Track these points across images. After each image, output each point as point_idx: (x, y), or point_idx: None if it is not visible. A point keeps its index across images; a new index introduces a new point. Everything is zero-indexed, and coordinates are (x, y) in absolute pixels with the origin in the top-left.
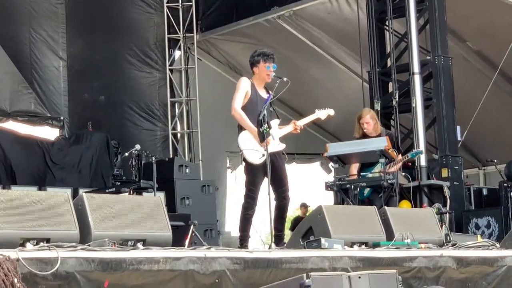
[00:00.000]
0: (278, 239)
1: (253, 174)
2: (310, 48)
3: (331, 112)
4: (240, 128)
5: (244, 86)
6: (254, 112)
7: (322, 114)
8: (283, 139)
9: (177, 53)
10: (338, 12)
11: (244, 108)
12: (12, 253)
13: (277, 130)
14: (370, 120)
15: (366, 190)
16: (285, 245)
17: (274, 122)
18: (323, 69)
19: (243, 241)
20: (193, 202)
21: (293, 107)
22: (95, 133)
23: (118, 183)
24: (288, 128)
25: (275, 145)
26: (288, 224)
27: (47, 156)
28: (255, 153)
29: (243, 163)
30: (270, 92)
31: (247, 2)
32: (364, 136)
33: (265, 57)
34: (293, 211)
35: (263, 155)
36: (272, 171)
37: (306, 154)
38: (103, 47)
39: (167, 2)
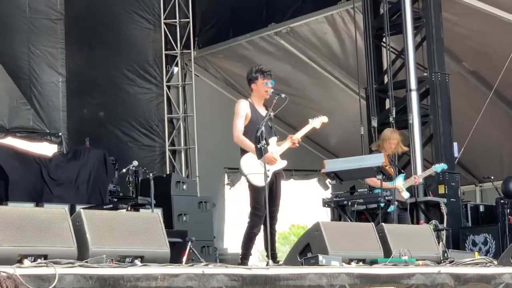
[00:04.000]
0: (271, 257)
1: (258, 193)
2: (307, 64)
3: (324, 119)
4: (242, 151)
5: (242, 110)
6: (256, 133)
7: (316, 123)
8: (283, 156)
9: (176, 69)
10: (335, 30)
11: (245, 130)
12: (10, 270)
13: (277, 148)
14: None
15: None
16: (280, 262)
17: (273, 140)
18: (321, 86)
19: (244, 258)
20: (190, 218)
21: (290, 124)
22: (92, 150)
23: (115, 200)
24: (287, 144)
25: (277, 162)
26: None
27: (45, 172)
28: (260, 176)
29: (247, 183)
30: (269, 108)
31: (244, 18)
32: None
33: (263, 73)
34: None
35: (268, 176)
36: (269, 191)
37: (304, 170)
38: (102, 63)
39: (165, 19)
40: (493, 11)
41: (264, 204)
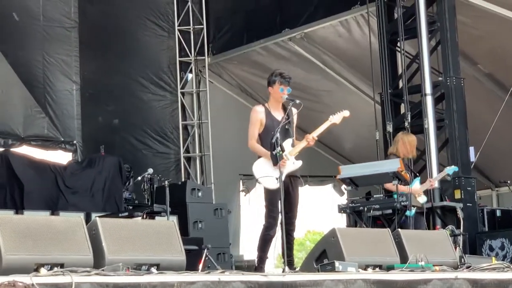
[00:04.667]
0: (288, 263)
1: (272, 195)
2: (321, 70)
3: (346, 113)
4: (259, 156)
5: (256, 118)
6: (271, 139)
7: (337, 118)
8: (299, 156)
9: (190, 76)
10: (349, 35)
11: (261, 136)
12: (26, 279)
13: (291, 149)
14: None
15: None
16: (296, 268)
17: (287, 142)
18: (335, 91)
19: (260, 262)
20: (206, 225)
21: (304, 129)
22: (107, 157)
23: (131, 207)
24: (302, 144)
25: (290, 164)
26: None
27: (60, 180)
28: (271, 179)
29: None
30: (287, 109)
31: (258, 24)
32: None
33: (281, 79)
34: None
35: (277, 179)
36: (286, 196)
37: (319, 176)
38: (116, 71)
39: (179, 25)
40: (508, 14)
41: (280, 209)
